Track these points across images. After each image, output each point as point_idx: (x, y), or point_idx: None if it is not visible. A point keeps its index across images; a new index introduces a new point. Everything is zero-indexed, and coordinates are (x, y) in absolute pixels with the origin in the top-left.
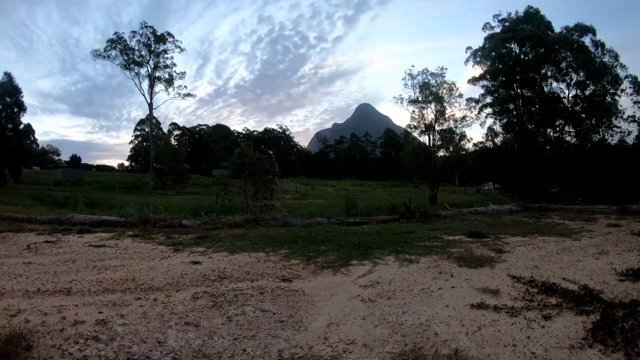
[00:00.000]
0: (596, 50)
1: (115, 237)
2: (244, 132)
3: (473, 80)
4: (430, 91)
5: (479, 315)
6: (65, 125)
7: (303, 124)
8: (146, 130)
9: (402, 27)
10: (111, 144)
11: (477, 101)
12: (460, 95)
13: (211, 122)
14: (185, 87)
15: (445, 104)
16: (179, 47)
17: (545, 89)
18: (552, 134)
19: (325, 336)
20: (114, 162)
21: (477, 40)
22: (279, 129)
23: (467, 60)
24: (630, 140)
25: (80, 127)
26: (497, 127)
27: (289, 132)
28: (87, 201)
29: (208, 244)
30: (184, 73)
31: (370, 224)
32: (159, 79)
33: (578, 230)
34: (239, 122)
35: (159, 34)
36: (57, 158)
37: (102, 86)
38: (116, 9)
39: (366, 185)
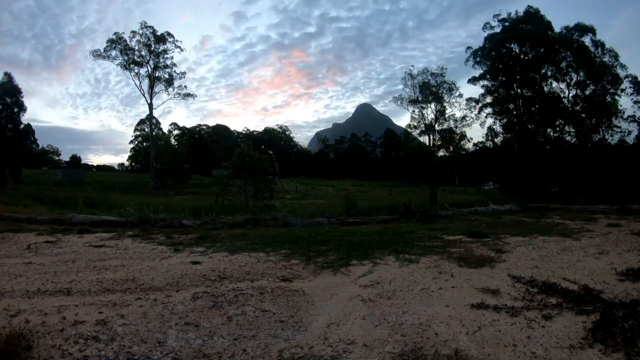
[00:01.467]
0: (596, 50)
1: (115, 237)
2: (244, 132)
3: (473, 80)
4: (430, 91)
5: (479, 315)
6: None
7: (350, 97)
8: (146, 130)
9: None
10: (86, 132)
11: (477, 101)
12: (460, 95)
13: (221, 92)
14: (186, 87)
15: (445, 104)
16: (179, 47)
17: (545, 89)
18: (552, 133)
19: (325, 336)
20: (97, 160)
21: (478, 39)
22: (279, 129)
23: (467, 60)
24: (630, 140)
25: (38, 97)
26: (497, 127)
27: (289, 132)
28: (87, 201)
29: (208, 244)
30: (184, 73)
31: (370, 224)
32: (159, 79)
33: (578, 230)
34: (264, 98)
35: (159, 34)
36: (57, 158)
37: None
38: None
39: (366, 185)
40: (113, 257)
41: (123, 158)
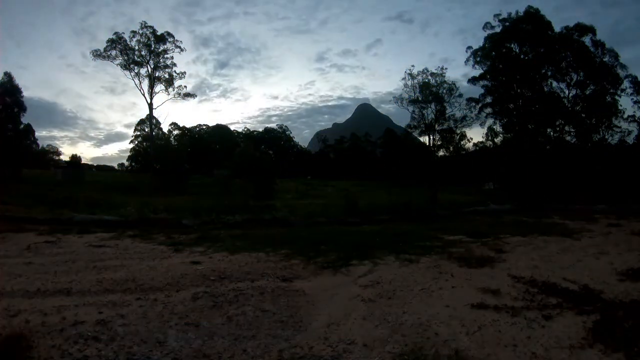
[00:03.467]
0: (596, 50)
1: (115, 237)
2: (244, 132)
3: (473, 80)
4: (430, 91)
5: (479, 315)
6: None
7: None
8: (146, 130)
9: None
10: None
11: (477, 101)
12: (460, 95)
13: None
14: (185, 87)
15: (445, 104)
16: (179, 47)
17: (545, 89)
18: (552, 133)
19: (325, 336)
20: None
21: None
22: (279, 129)
23: (467, 60)
24: (630, 140)
25: None
26: (497, 127)
27: (289, 132)
28: (87, 201)
29: (208, 244)
30: (183, 73)
31: (371, 223)
32: (159, 79)
33: (578, 230)
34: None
35: (159, 33)
36: (57, 158)
37: None
38: None
39: (366, 185)
40: (113, 257)
41: (106, 150)
